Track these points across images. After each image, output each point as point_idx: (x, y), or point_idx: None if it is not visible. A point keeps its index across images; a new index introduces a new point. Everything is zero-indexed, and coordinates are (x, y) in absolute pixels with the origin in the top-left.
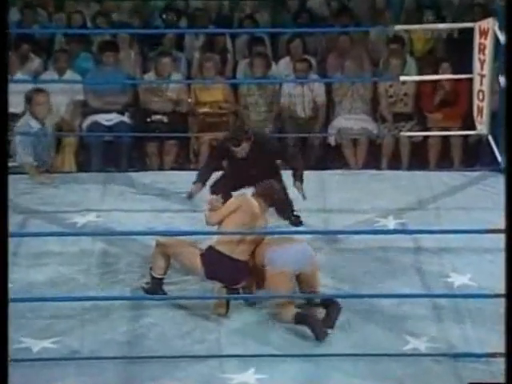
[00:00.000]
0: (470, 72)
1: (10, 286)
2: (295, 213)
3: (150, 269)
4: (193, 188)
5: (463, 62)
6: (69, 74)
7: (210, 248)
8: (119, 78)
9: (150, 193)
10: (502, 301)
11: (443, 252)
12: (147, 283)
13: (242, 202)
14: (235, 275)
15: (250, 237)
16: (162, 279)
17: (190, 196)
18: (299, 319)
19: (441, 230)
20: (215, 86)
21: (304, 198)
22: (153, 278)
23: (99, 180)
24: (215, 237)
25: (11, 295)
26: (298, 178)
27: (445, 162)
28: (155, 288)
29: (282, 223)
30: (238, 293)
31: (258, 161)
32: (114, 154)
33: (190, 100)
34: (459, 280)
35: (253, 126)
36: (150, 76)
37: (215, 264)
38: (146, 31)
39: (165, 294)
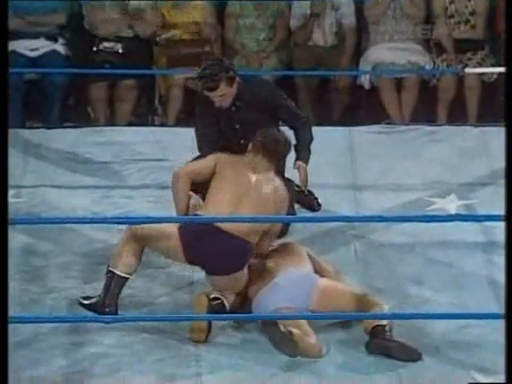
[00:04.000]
0: None
1: None
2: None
3: (108, 266)
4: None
5: None
6: None
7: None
8: None
9: (96, 160)
10: None
11: None
12: (87, 297)
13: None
14: (228, 258)
15: (244, 208)
16: (126, 279)
17: None
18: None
19: None
20: (193, 3)
21: (305, 191)
22: (113, 276)
23: (19, 141)
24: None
25: None
26: (303, 154)
27: None
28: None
29: None
30: (224, 306)
31: (248, 117)
32: (41, 100)
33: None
34: None
35: (248, 59)
36: None
37: (198, 240)
38: None
39: (115, 307)
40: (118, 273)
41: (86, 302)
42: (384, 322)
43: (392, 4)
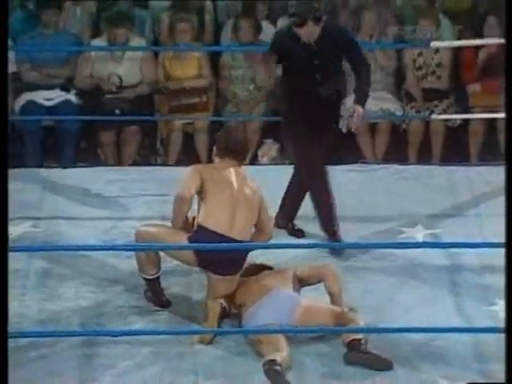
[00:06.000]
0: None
1: None
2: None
3: (139, 270)
4: None
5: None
6: None
7: (200, 227)
8: (64, 44)
9: (105, 195)
10: None
11: (487, 272)
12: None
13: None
14: (233, 260)
15: (240, 215)
16: (156, 278)
17: None
18: None
19: (484, 242)
20: (191, 56)
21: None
22: (146, 280)
23: (37, 179)
24: (201, 213)
25: None
26: (361, 97)
27: (489, 154)
28: (153, 291)
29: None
30: (226, 311)
31: (326, 55)
32: (57, 144)
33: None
34: None
35: (239, 106)
36: (100, 42)
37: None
38: None
39: (167, 300)
40: (147, 277)
41: (148, 294)
42: (360, 336)
43: (368, 56)
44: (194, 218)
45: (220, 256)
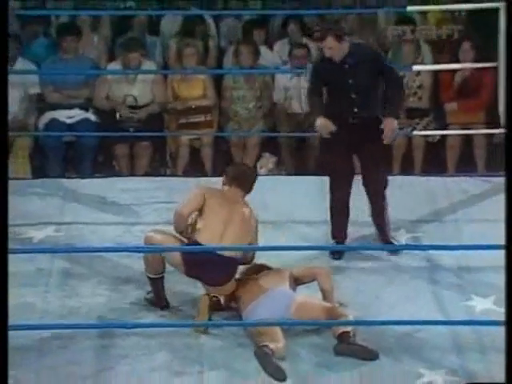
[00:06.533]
0: (495, 60)
1: None
2: None
3: (145, 270)
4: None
5: (487, 48)
6: (20, 63)
7: (193, 242)
8: (82, 68)
9: (120, 203)
10: None
11: (463, 271)
12: (149, 292)
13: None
14: (219, 274)
15: (232, 230)
16: (160, 278)
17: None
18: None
19: (460, 245)
20: (196, 78)
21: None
22: (150, 280)
23: (58, 188)
24: (197, 226)
25: None
26: (391, 111)
27: (466, 166)
28: (156, 290)
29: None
30: (220, 303)
31: (359, 74)
32: (77, 157)
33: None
34: (482, 304)
35: (240, 123)
36: (115, 66)
37: (197, 260)
38: (112, 12)
39: (166, 300)
40: (151, 276)
41: (148, 296)
42: (349, 329)
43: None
44: (193, 229)
45: (208, 268)
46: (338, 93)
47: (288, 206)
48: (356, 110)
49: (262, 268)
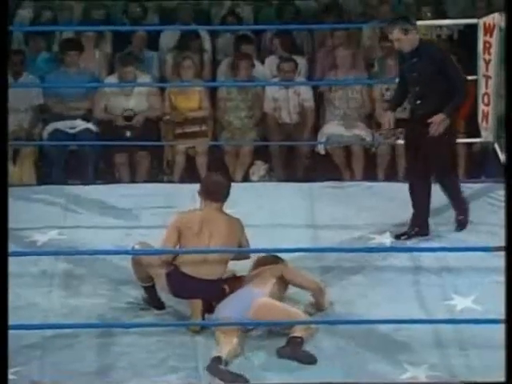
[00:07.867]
0: (474, 73)
1: None
2: None
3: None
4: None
5: (466, 63)
6: (25, 77)
7: (175, 269)
8: (84, 81)
9: (120, 207)
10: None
11: (445, 272)
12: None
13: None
14: (204, 296)
15: (212, 256)
16: (151, 286)
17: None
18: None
19: (441, 247)
20: (193, 90)
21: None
22: (144, 288)
23: (62, 194)
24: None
25: None
26: (448, 110)
27: None
28: (151, 296)
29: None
30: (212, 306)
31: (425, 69)
32: (79, 164)
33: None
34: (462, 303)
35: (233, 133)
36: (113, 79)
37: (181, 285)
38: (113, 28)
39: (161, 302)
40: (144, 285)
41: (145, 296)
42: (299, 335)
43: (342, 91)
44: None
45: (190, 290)
46: (405, 83)
47: (278, 210)
48: (419, 102)
49: (271, 261)
